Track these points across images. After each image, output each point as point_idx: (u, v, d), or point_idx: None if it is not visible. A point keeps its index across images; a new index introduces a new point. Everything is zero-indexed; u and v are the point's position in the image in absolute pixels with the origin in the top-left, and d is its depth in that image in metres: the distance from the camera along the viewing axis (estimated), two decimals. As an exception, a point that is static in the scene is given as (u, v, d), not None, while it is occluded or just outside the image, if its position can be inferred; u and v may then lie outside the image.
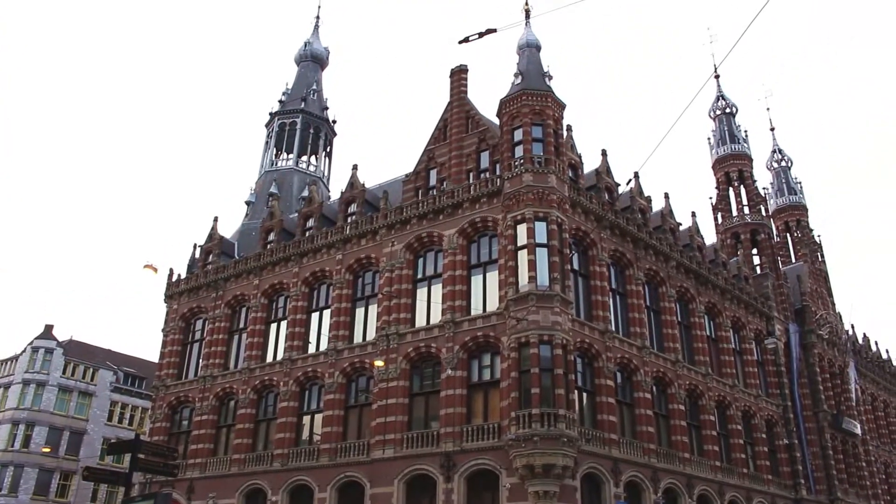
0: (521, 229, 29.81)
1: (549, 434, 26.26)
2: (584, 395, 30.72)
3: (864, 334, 63.56)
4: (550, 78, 33.47)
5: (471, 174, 34.85)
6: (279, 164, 53.25)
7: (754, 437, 40.71)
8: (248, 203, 51.17)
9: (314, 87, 56.79)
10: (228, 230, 48.58)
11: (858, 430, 49.97)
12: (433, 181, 36.39)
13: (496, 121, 33.95)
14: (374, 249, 35.37)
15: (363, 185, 39.08)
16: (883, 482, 54.21)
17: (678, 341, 36.83)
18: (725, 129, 55.82)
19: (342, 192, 39.49)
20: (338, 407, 33.81)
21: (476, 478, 28.49)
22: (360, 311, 35.60)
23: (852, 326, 60.03)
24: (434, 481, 29.09)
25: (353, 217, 37.54)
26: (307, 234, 39.42)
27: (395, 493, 29.87)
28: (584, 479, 28.51)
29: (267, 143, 54.62)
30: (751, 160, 54.97)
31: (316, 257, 37.81)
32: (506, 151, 31.91)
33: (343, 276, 36.11)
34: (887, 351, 67.44)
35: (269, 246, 41.20)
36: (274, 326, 39.08)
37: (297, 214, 42.68)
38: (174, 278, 44.56)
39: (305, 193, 45.26)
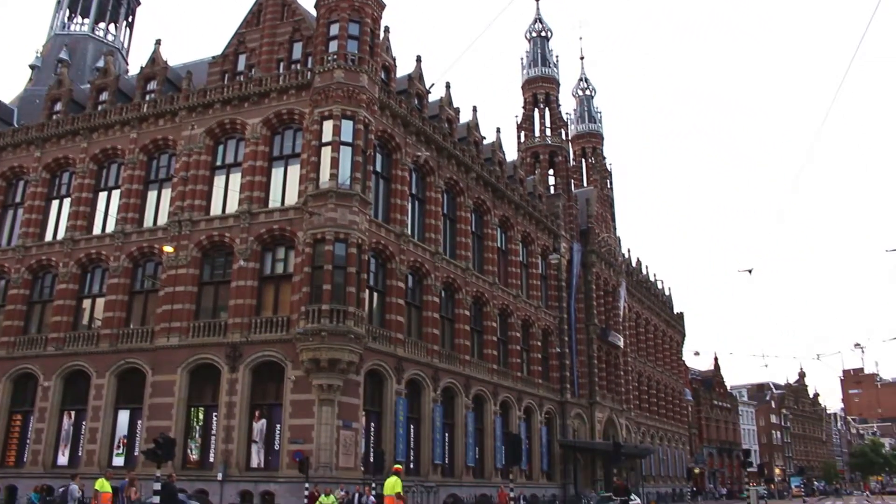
0: (328, 126, 29.41)
1: (336, 330, 26.86)
2: (375, 294, 31.62)
3: (638, 259, 69.92)
4: (372, -25, 32.74)
5: (281, 64, 33.80)
6: (72, 28, 48.76)
7: (531, 344, 44.00)
8: (32, 67, 46.70)
9: (118, -54, 51.81)
10: (8, 95, 44.23)
11: (621, 343, 55.43)
12: (241, 67, 34.86)
13: (314, 13, 32.88)
14: (173, 131, 33.64)
15: (166, 62, 36.83)
16: (636, 388, 60.89)
17: (470, 250, 38.61)
18: (539, 51, 57.47)
19: (142, 68, 37.11)
20: (122, 292, 32.54)
21: (261, 369, 28.76)
22: (152, 195, 34.00)
23: (628, 250, 65.67)
24: (219, 371, 29.02)
25: (153, 95, 35.41)
26: (99, 108, 36.77)
27: (177, 381, 29.54)
28: (368, 375, 29.68)
29: (59, 2, 49.52)
30: (558, 85, 57.16)
31: (108, 133, 35.41)
32: (320, 45, 31.07)
33: (136, 155, 34.14)
34: (655, 275, 74.76)
35: (54, 116, 38.06)
36: (56, 203, 36.50)
37: (89, 86, 39.45)
38: (-62, 141, 40.02)
39: (101, 64, 41.89)
